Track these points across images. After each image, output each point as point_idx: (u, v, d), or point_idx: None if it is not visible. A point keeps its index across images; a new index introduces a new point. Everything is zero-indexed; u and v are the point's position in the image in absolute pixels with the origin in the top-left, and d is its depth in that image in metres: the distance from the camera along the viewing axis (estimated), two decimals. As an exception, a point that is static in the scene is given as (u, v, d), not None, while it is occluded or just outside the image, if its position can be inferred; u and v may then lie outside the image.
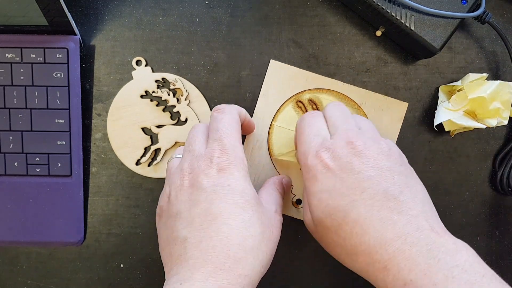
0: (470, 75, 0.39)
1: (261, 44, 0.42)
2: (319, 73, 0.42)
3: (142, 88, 0.41)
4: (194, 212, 0.29)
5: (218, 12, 0.42)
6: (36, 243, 0.40)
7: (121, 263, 0.41)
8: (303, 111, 0.41)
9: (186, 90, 0.41)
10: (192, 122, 0.41)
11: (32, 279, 0.41)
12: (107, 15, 0.42)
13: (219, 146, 0.32)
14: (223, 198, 0.29)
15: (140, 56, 0.41)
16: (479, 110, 0.39)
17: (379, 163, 0.29)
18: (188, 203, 0.30)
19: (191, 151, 0.33)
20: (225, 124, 0.33)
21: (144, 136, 0.41)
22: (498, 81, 0.38)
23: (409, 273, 0.26)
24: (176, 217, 0.30)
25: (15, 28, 0.39)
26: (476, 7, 0.39)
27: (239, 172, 0.31)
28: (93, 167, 0.41)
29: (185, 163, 0.32)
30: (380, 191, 0.28)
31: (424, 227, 0.27)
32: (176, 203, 0.31)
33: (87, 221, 0.41)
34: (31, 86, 0.39)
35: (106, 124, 0.41)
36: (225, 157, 0.31)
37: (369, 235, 0.27)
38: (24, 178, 0.40)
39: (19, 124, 0.39)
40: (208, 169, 0.31)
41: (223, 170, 0.31)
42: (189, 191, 0.31)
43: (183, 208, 0.30)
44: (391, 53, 0.42)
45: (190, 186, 0.31)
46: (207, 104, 0.41)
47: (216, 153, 0.31)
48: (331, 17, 0.42)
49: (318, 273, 0.41)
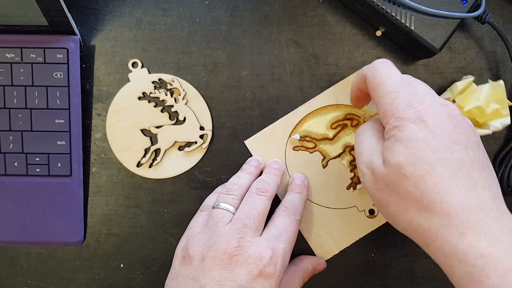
0: (458, 84, 0.40)
1: (261, 44, 0.42)
2: (319, 73, 0.42)
3: (139, 89, 0.41)
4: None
5: (218, 12, 0.42)
6: (36, 243, 0.40)
7: (121, 263, 0.41)
8: (305, 146, 0.41)
9: (184, 90, 0.41)
10: (191, 121, 0.41)
11: (32, 279, 0.41)
12: (107, 15, 0.42)
13: (275, 246, 0.32)
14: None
15: (140, 56, 0.41)
16: (479, 117, 0.39)
17: (468, 134, 0.29)
18: (217, 285, 0.30)
19: (246, 225, 0.33)
20: (290, 229, 0.34)
21: (143, 138, 0.41)
22: (487, 84, 0.38)
23: (488, 246, 0.25)
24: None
25: (15, 28, 0.39)
26: (476, 7, 0.39)
27: (276, 285, 0.32)
28: (93, 167, 0.41)
29: (236, 233, 0.32)
30: (467, 159, 0.27)
31: (503, 210, 0.27)
32: (208, 274, 0.31)
33: (87, 221, 0.41)
34: (31, 86, 0.39)
35: (106, 124, 0.41)
36: (273, 265, 0.31)
37: (452, 196, 0.26)
38: (24, 178, 0.40)
39: (19, 124, 0.39)
40: (253, 265, 0.31)
41: (265, 277, 0.31)
42: (225, 274, 0.31)
43: (211, 285, 0.30)
44: (391, 53, 0.42)
45: (229, 270, 0.31)
46: (204, 103, 0.41)
47: (269, 253, 0.32)
48: (331, 17, 0.42)
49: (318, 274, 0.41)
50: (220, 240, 0.32)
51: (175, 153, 0.41)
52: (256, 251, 0.31)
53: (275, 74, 0.42)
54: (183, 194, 0.41)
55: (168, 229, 0.41)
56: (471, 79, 0.40)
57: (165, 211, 0.41)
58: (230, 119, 0.41)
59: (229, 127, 0.41)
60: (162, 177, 0.41)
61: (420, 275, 0.42)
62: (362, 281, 0.42)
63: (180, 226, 0.41)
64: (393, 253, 0.42)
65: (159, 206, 0.41)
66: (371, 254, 0.42)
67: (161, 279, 0.41)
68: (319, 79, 0.42)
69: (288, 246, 0.33)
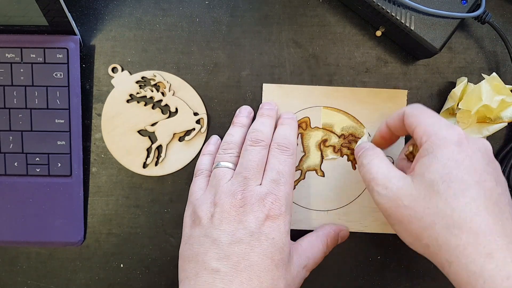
0: (455, 91, 0.40)
1: (261, 44, 0.42)
2: (319, 73, 0.42)
3: (125, 93, 0.41)
4: (233, 249, 0.31)
5: (218, 12, 0.42)
6: (36, 243, 0.40)
7: (121, 263, 0.41)
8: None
9: (167, 82, 0.41)
10: (183, 109, 0.41)
11: (32, 279, 0.41)
12: (107, 15, 0.42)
13: (275, 190, 0.34)
14: (264, 249, 0.32)
15: (140, 56, 0.41)
16: (488, 114, 0.39)
17: (499, 171, 0.31)
18: (230, 236, 0.32)
19: (246, 177, 0.34)
20: (286, 169, 0.35)
21: (142, 139, 0.41)
22: (483, 81, 0.38)
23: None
24: (214, 243, 0.32)
25: (15, 28, 0.39)
26: (476, 7, 0.39)
27: (285, 226, 0.33)
28: (93, 167, 0.41)
29: (238, 187, 0.34)
30: (496, 191, 0.29)
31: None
32: (218, 228, 0.32)
33: (87, 221, 0.41)
34: (31, 86, 0.39)
35: (102, 134, 0.41)
36: (277, 204, 0.33)
37: (482, 218, 0.27)
38: (24, 178, 0.40)
39: (19, 124, 0.39)
40: (259, 211, 0.33)
41: (272, 219, 0.33)
42: (235, 224, 0.32)
43: (224, 239, 0.32)
44: (391, 53, 0.42)
45: (238, 220, 0.32)
46: (192, 89, 0.41)
47: (271, 197, 0.33)
48: (331, 17, 0.42)
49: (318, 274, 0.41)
50: (225, 196, 0.33)
51: (177, 145, 0.41)
52: (259, 198, 0.33)
53: (275, 74, 0.42)
54: (183, 194, 0.41)
55: (168, 229, 0.41)
56: (465, 80, 0.40)
57: (165, 211, 0.41)
58: (230, 119, 0.41)
59: (229, 127, 0.41)
60: (171, 171, 0.41)
61: (420, 275, 0.42)
62: (362, 281, 0.42)
63: (180, 226, 0.41)
64: (393, 253, 0.42)
65: (159, 206, 0.41)
66: (371, 254, 0.42)
67: (161, 279, 0.41)
68: (319, 79, 0.42)
69: (287, 186, 0.35)
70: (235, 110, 0.41)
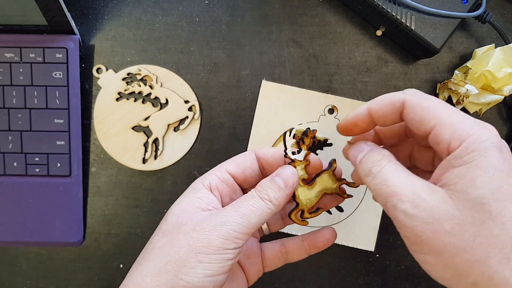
0: (477, 51, 0.39)
1: (261, 44, 0.42)
2: (319, 73, 0.42)
3: (113, 91, 0.41)
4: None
5: (218, 12, 0.42)
6: (36, 243, 0.40)
7: (120, 263, 0.41)
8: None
9: (153, 74, 0.41)
10: (173, 99, 0.41)
11: (31, 279, 0.41)
12: (106, 15, 0.42)
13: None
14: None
15: (139, 56, 0.41)
16: (492, 83, 0.38)
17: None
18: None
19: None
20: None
21: (138, 135, 0.41)
22: (498, 48, 0.37)
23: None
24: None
25: (14, 28, 0.39)
26: (477, 6, 0.39)
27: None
28: (92, 167, 0.41)
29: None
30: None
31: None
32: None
33: (87, 221, 0.41)
34: (31, 86, 0.39)
35: (97, 136, 0.41)
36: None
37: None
38: (24, 178, 0.40)
39: (19, 124, 0.39)
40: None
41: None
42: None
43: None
44: (392, 52, 0.42)
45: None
46: (179, 77, 0.41)
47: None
48: (331, 16, 0.42)
49: (319, 275, 0.41)
50: None
51: (173, 135, 0.41)
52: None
53: (275, 74, 0.42)
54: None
55: (168, 229, 0.41)
56: (493, 45, 0.39)
57: (165, 211, 0.41)
58: (230, 119, 0.41)
59: (229, 127, 0.41)
60: (172, 163, 0.41)
61: (420, 275, 0.42)
62: (362, 281, 0.42)
63: (180, 226, 0.41)
64: (393, 253, 0.42)
65: (159, 206, 0.41)
66: (371, 254, 0.42)
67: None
68: (319, 79, 0.42)
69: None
70: (235, 110, 0.41)
